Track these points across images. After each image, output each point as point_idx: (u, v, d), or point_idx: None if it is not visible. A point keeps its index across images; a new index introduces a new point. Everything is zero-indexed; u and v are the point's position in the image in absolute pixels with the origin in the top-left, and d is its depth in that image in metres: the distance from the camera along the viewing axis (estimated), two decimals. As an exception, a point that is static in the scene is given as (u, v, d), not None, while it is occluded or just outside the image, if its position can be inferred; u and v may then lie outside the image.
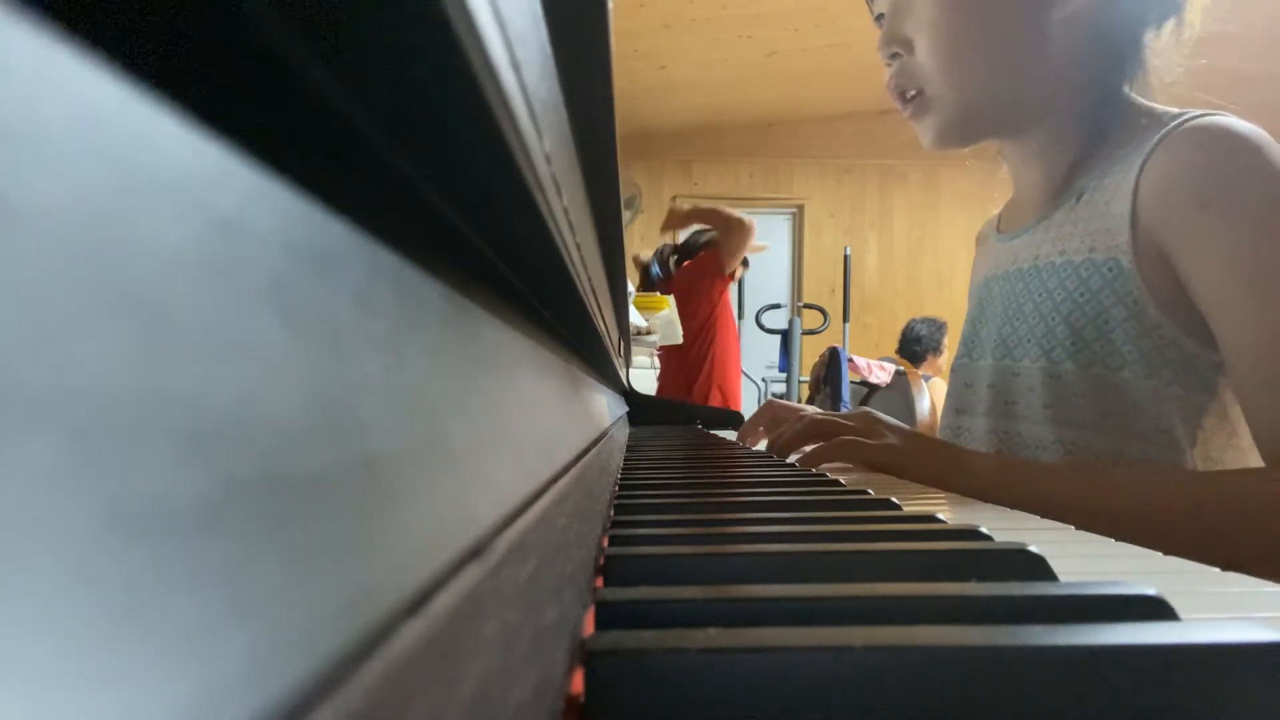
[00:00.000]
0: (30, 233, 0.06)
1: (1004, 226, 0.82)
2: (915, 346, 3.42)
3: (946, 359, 3.31)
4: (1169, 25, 0.67)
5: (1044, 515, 0.57)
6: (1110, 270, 0.65)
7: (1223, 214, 0.58)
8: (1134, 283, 0.63)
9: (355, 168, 0.17)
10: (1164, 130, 0.63)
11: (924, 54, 0.69)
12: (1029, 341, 0.71)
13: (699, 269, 2.80)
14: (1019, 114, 0.72)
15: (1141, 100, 0.69)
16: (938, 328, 3.42)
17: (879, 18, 0.75)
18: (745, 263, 2.98)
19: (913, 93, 0.71)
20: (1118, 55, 0.68)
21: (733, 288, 3.63)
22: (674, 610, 0.21)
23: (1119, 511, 0.56)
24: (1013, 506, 0.59)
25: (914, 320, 3.53)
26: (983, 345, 0.78)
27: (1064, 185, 0.72)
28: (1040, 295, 0.71)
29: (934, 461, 0.65)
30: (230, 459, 0.08)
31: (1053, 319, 0.69)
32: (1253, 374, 0.56)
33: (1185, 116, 0.63)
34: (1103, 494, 0.58)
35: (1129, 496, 0.57)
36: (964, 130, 0.73)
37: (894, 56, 0.71)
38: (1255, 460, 0.59)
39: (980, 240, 0.90)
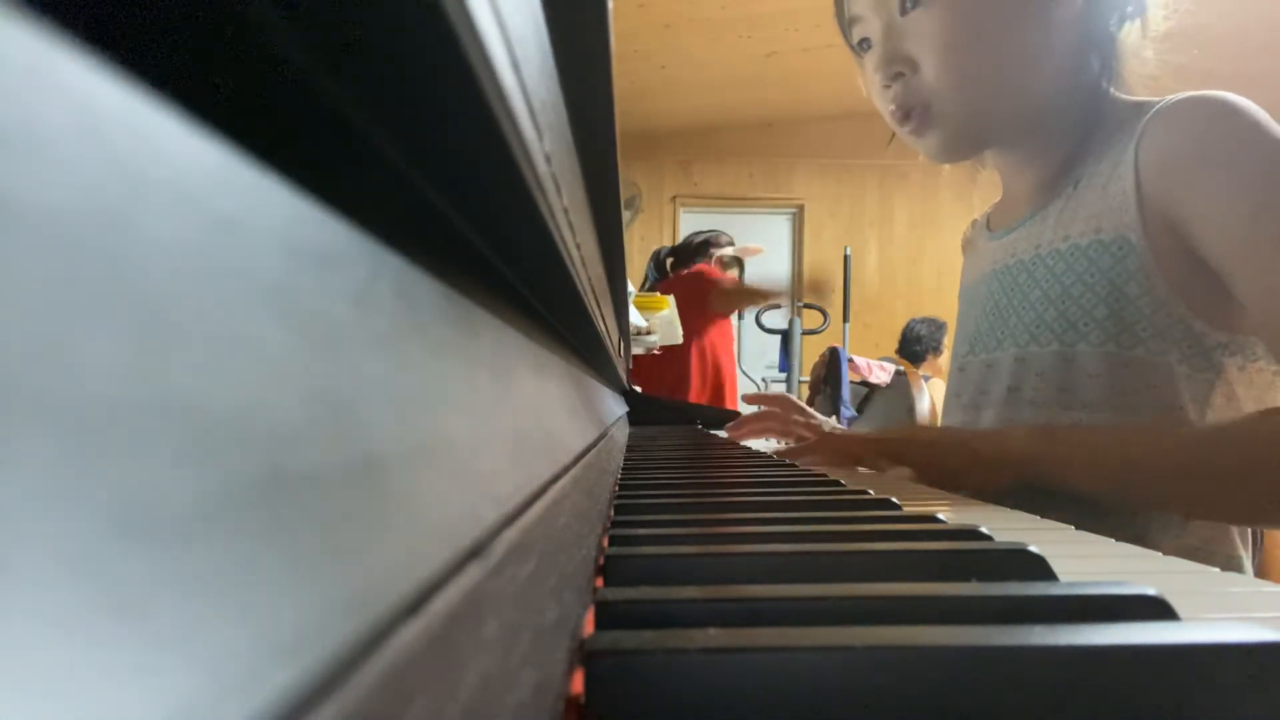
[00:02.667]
0: (30, 233, 0.06)
1: (994, 224, 0.83)
2: (915, 346, 3.42)
3: (946, 359, 3.31)
4: (1135, 24, 0.69)
5: (1102, 481, 0.59)
6: (1120, 249, 0.65)
7: (1226, 169, 0.59)
8: (1145, 258, 0.64)
9: (355, 168, 0.17)
10: (1154, 110, 0.64)
11: (932, 70, 0.69)
12: (1039, 327, 0.71)
13: (687, 293, 2.66)
14: (1021, 121, 0.72)
15: (1125, 95, 0.70)
16: (938, 328, 3.42)
17: (861, 43, 0.75)
18: (740, 266, 2.91)
19: (917, 110, 0.71)
20: (1100, 53, 0.70)
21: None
22: (674, 610, 0.21)
23: (1164, 464, 0.59)
24: (1050, 468, 0.61)
25: (913, 320, 3.53)
26: (987, 339, 0.78)
27: (1057, 179, 0.73)
28: (1048, 282, 0.71)
29: (960, 453, 0.68)
30: (230, 458, 0.08)
31: (1063, 303, 0.69)
32: (1274, 319, 0.57)
33: (1174, 96, 0.65)
34: (1165, 454, 0.60)
35: (1190, 453, 0.59)
36: (973, 141, 0.74)
37: (896, 76, 0.71)
38: None
39: (967, 245, 0.91)
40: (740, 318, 3.56)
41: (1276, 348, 0.59)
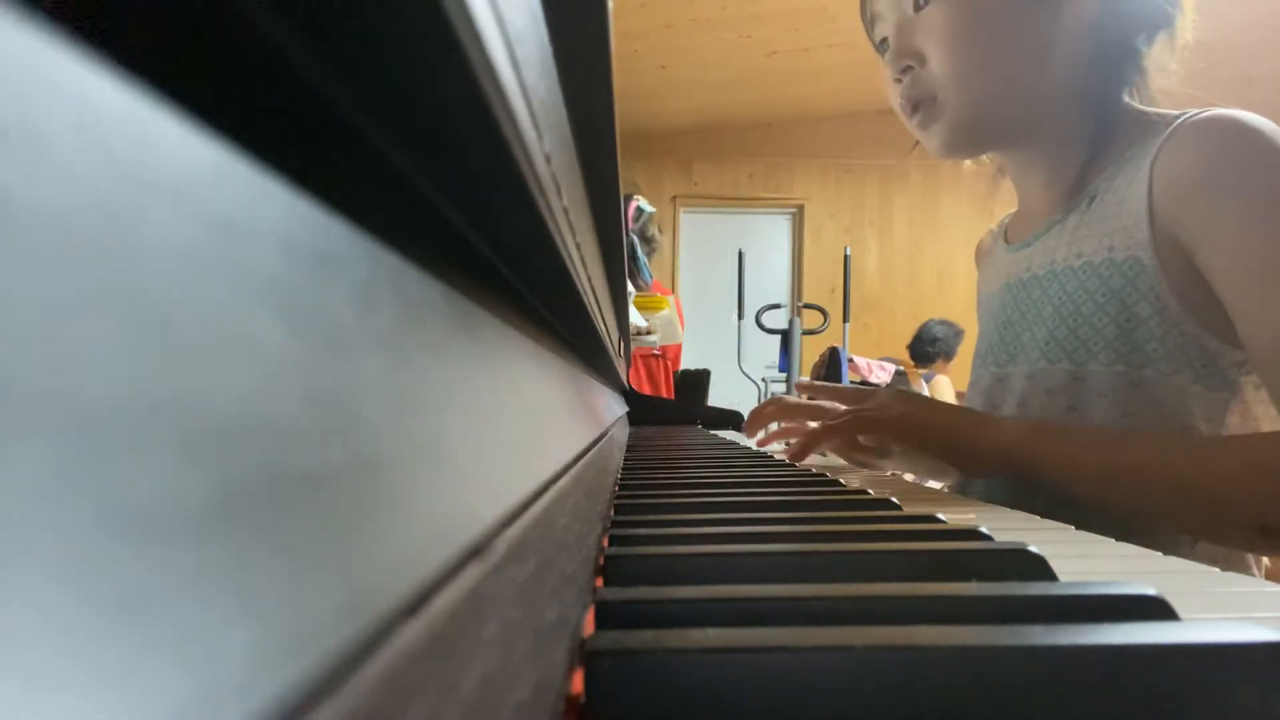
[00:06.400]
0: (30, 233, 0.06)
1: (1012, 236, 0.82)
2: (929, 347, 3.41)
3: (956, 365, 3.30)
4: (1161, 37, 0.68)
5: (1085, 482, 0.59)
6: (1131, 269, 0.65)
7: (1234, 198, 0.58)
8: (1156, 279, 0.63)
9: (355, 168, 0.17)
10: (1171, 127, 0.63)
11: (937, 62, 0.69)
12: (1049, 345, 0.71)
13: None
14: (1026, 122, 0.72)
15: (1142, 106, 0.70)
16: (955, 334, 3.41)
17: (882, 43, 0.75)
18: (650, 242, 2.70)
19: (925, 102, 0.71)
20: (1117, 63, 0.69)
21: (733, 286, 3.57)
22: (674, 610, 0.21)
23: (1154, 470, 0.58)
24: (1050, 469, 0.61)
25: (932, 321, 3.51)
26: (1001, 353, 0.78)
27: (1073, 190, 0.73)
28: (1060, 299, 0.71)
29: (958, 423, 0.67)
30: (230, 459, 0.08)
31: (1074, 321, 0.69)
32: (1272, 356, 0.56)
33: (1192, 112, 0.64)
34: (1146, 460, 0.58)
35: (1170, 462, 0.58)
36: (973, 138, 0.73)
37: (905, 70, 0.72)
38: None
39: (982, 253, 0.90)
40: (741, 317, 3.53)
41: (1272, 386, 0.58)
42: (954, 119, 0.71)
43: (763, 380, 3.85)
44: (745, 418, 1.10)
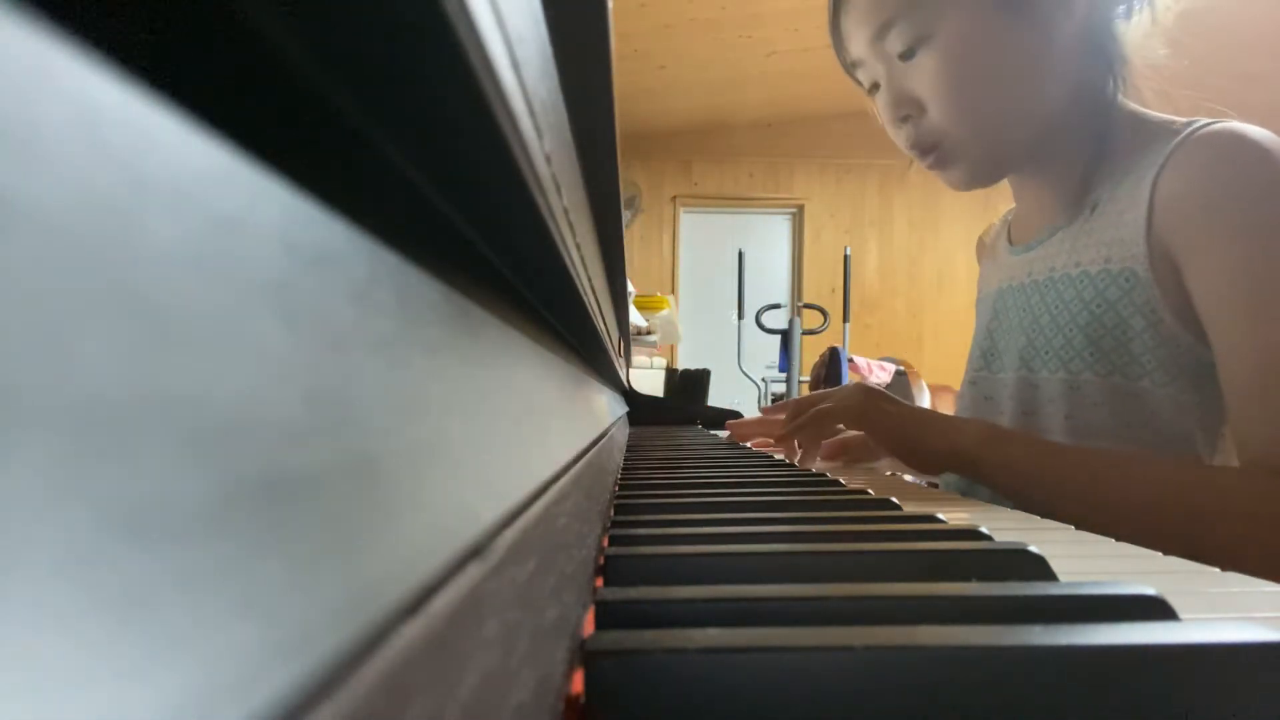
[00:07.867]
0: (30, 233, 0.06)
1: (1015, 238, 0.81)
2: None
3: None
4: (1139, 19, 0.67)
5: (1032, 492, 0.59)
6: (1127, 281, 0.64)
7: (1229, 223, 0.58)
8: (1151, 293, 0.63)
9: (355, 168, 0.17)
10: (1177, 139, 0.62)
11: (938, 112, 0.68)
12: (1047, 353, 0.71)
13: None
14: (1037, 140, 0.71)
15: (1140, 108, 0.69)
16: None
17: (872, 88, 0.74)
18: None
19: (933, 148, 0.70)
20: (1104, 56, 0.68)
21: (733, 286, 3.58)
22: (674, 610, 0.21)
23: (1105, 498, 0.58)
24: (1000, 476, 0.61)
25: None
26: (1002, 357, 0.78)
27: (1076, 197, 0.72)
28: (1057, 307, 0.70)
29: (920, 428, 0.68)
30: (229, 459, 0.08)
31: (1070, 330, 0.69)
32: (1242, 381, 0.57)
33: (1197, 124, 0.63)
34: (1094, 479, 0.59)
35: (1116, 484, 0.58)
36: (994, 170, 0.73)
37: (906, 119, 0.71)
38: None
39: (984, 250, 0.89)
40: (741, 317, 3.55)
41: (1234, 416, 0.58)
42: (972, 160, 0.70)
43: (763, 380, 3.85)
44: (744, 418, 1.11)
